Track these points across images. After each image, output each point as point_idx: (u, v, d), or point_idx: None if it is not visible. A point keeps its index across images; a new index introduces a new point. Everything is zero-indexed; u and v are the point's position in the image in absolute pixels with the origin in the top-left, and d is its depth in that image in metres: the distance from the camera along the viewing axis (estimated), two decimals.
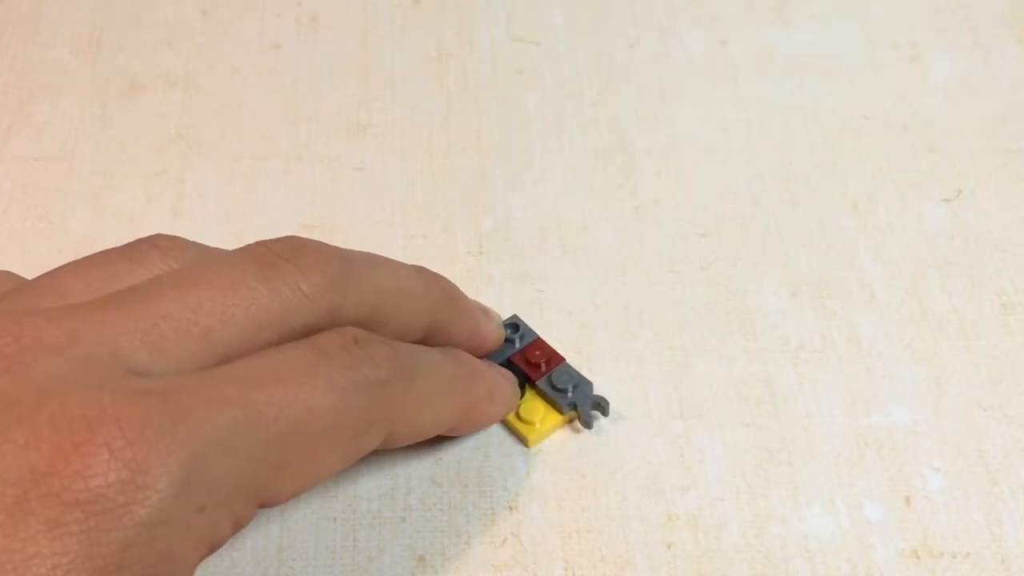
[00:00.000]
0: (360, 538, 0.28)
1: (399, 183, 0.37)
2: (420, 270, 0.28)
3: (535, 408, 0.30)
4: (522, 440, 0.30)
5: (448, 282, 0.29)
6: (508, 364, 0.30)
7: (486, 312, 0.30)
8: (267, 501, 0.22)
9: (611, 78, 0.40)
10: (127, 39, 0.41)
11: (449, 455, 0.30)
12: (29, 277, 0.33)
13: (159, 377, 0.21)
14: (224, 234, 0.35)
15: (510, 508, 0.29)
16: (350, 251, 0.26)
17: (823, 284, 0.34)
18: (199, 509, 0.20)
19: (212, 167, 0.37)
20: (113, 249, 0.25)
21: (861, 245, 0.35)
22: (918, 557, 0.27)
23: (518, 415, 0.30)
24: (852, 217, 0.35)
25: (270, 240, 0.25)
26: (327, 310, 0.24)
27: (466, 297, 0.30)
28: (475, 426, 0.29)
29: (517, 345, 0.31)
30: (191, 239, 0.34)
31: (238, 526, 0.22)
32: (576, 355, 0.31)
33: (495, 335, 0.30)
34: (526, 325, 0.31)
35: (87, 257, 0.25)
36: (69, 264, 0.24)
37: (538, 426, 0.30)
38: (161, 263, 0.24)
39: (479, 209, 0.36)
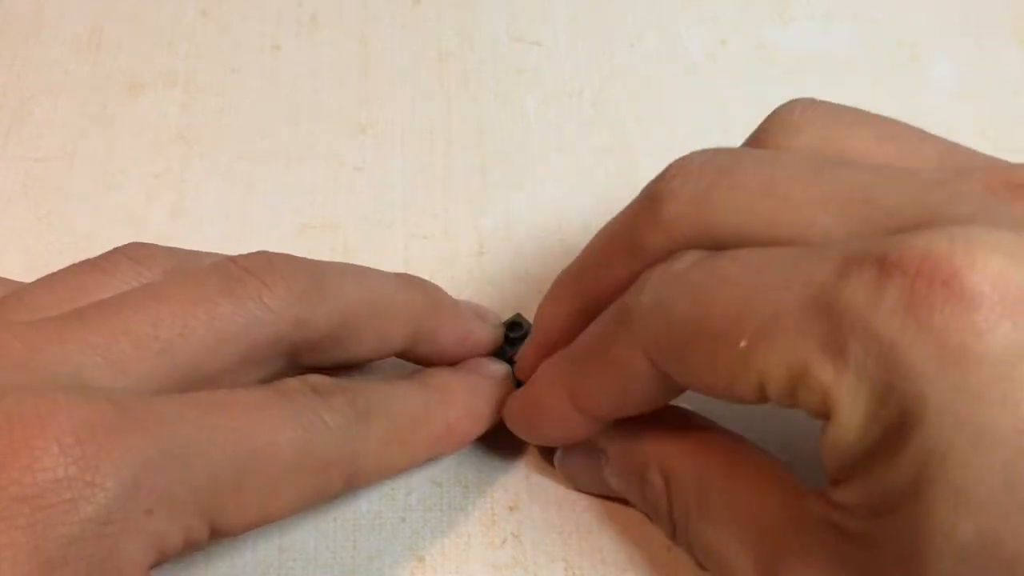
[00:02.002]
0: (360, 538, 0.28)
1: (399, 183, 0.37)
2: (402, 278, 0.28)
3: None
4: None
5: (434, 288, 0.29)
6: (510, 363, 0.30)
7: (479, 314, 0.30)
8: (219, 526, 0.22)
9: (611, 78, 0.40)
10: (127, 39, 0.41)
11: (449, 455, 0.30)
12: (30, 277, 0.33)
13: (119, 392, 0.21)
14: (224, 234, 0.35)
15: (510, 508, 0.29)
16: (323, 264, 0.26)
17: None
18: (147, 511, 0.20)
19: (212, 167, 0.37)
20: (86, 261, 0.25)
21: None
22: None
23: None
24: None
25: (239, 255, 0.25)
26: (293, 323, 0.24)
27: (454, 302, 0.29)
28: (461, 445, 0.29)
29: (520, 344, 0.31)
30: (191, 239, 0.35)
31: (189, 542, 0.22)
32: None
33: (489, 338, 0.30)
34: (529, 323, 0.31)
35: (59, 271, 0.25)
36: (41, 278, 0.25)
37: None
38: (132, 272, 0.25)
39: (479, 209, 0.36)
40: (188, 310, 0.23)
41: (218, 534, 0.22)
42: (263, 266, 0.24)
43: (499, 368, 0.30)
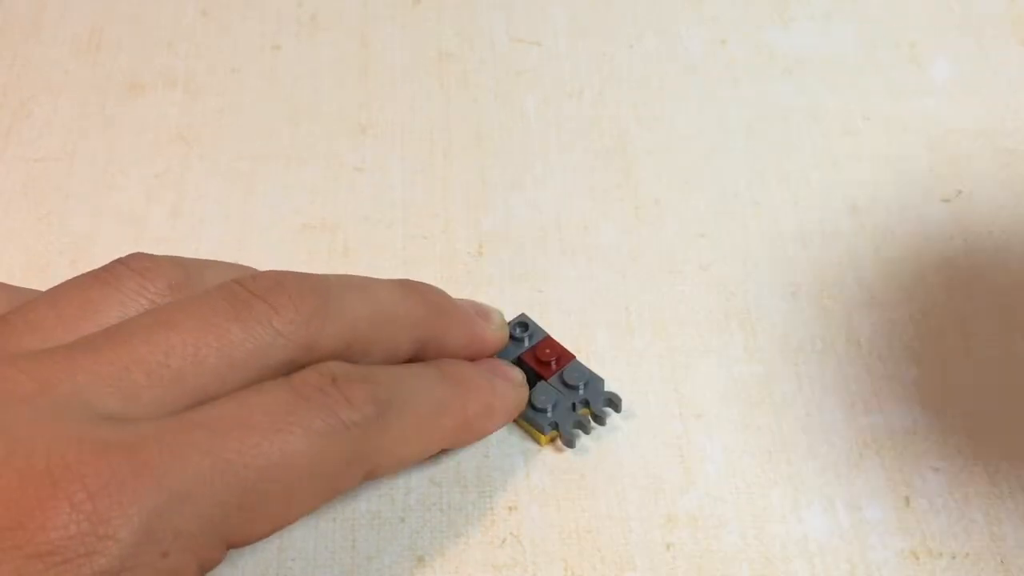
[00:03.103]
0: (359, 538, 0.28)
1: (399, 183, 0.37)
2: (404, 286, 0.28)
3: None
4: (534, 438, 0.30)
5: (437, 292, 0.29)
6: (517, 362, 0.30)
7: (484, 314, 0.30)
8: (237, 543, 0.22)
9: (611, 78, 0.40)
10: (127, 39, 0.41)
11: (449, 455, 0.29)
12: (30, 277, 0.34)
13: (129, 424, 0.22)
14: (224, 234, 0.35)
15: (510, 508, 0.29)
16: (328, 280, 0.26)
17: (823, 284, 0.34)
18: (162, 555, 0.20)
19: (212, 167, 0.37)
20: (87, 274, 0.25)
21: (861, 245, 0.35)
22: (917, 558, 0.27)
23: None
24: (852, 217, 0.35)
25: (246, 277, 0.25)
26: (303, 346, 0.24)
27: (458, 304, 0.29)
28: (474, 440, 0.29)
29: (526, 344, 0.31)
30: (191, 239, 0.35)
31: (204, 568, 0.22)
32: (576, 355, 0.31)
33: (495, 338, 0.29)
34: (535, 324, 0.31)
35: (62, 284, 0.25)
36: (44, 294, 0.25)
37: None
38: (135, 285, 0.25)
39: (479, 209, 0.36)
40: (198, 337, 0.23)
41: (234, 547, 0.22)
42: (271, 289, 0.24)
43: (516, 373, 0.29)
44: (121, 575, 0.20)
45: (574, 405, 0.30)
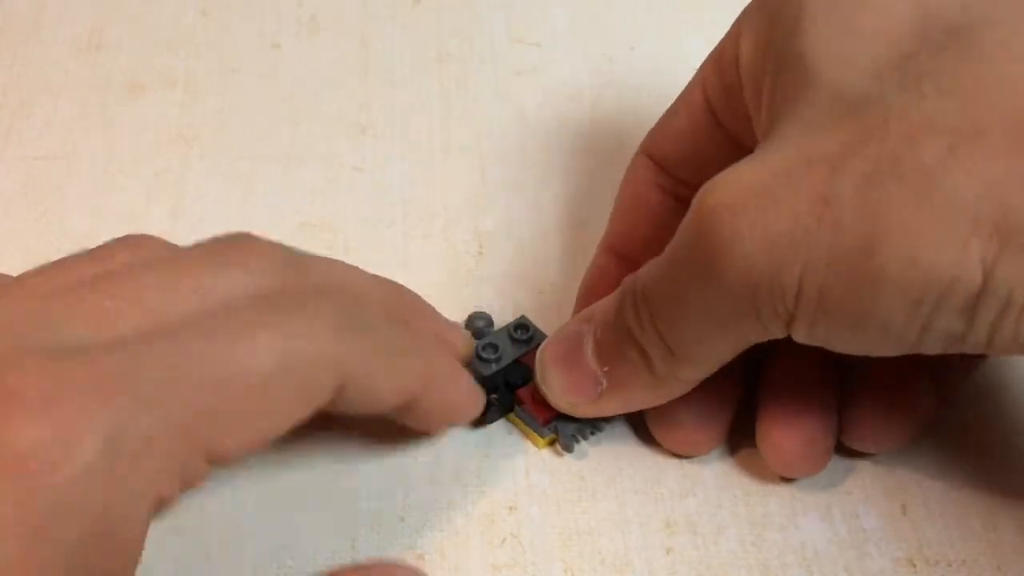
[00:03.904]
0: (359, 538, 0.28)
1: (399, 183, 0.37)
2: (379, 276, 0.28)
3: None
4: (532, 442, 0.30)
5: (413, 295, 0.29)
6: (517, 363, 0.30)
7: (453, 327, 0.30)
8: (215, 455, 0.22)
9: (611, 78, 0.40)
10: (127, 39, 0.41)
11: (449, 455, 0.30)
12: None
13: (92, 346, 0.21)
14: None
15: (509, 508, 0.29)
16: (304, 251, 0.26)
17: None
18: (132, 461, 0.20)
19: (212, 167, 0.37)
20: (83, 250, 0.25)
21: None
22: (914, 565, 0.28)
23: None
24: None
25: (223, 235, 0.25)
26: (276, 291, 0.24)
27: (432, 310, 0.30)
28: (439, 410, 0.28)
29: (527, 346, 0.31)
30: (191, 239, 0.34)
31: (188, 479, 0.21)
32: None
33: (462, 345, 0.30)
34: (535, 326, 0.31)
35: (56, 260, 0.25)
36: (35, 268, 0.25)
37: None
38: (125, 257, 0.25)
39: (479, 209, 0.36)
40: (175, 277, 0.23)
41: (216, 462, 0.22)
42: (246, 239, 0.25)
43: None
44: (91, 486, 0.19)
45: None
